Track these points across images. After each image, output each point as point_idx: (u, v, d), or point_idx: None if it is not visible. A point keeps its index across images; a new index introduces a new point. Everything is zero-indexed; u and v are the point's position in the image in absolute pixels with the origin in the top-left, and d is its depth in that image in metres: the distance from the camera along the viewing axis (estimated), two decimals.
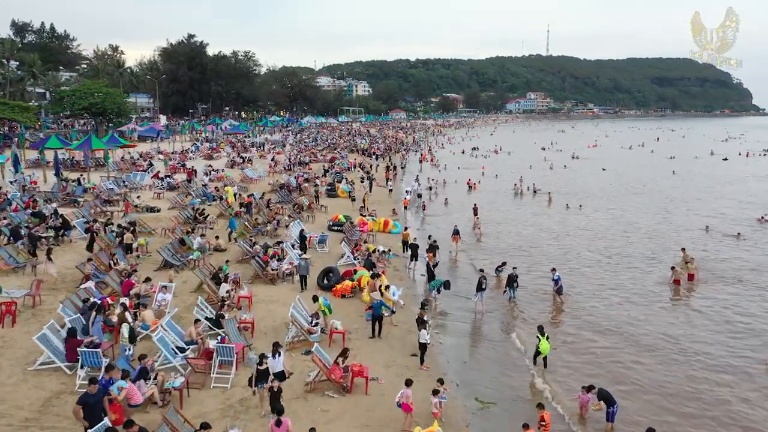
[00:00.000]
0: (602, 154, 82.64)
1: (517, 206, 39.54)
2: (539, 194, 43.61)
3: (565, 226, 32.68)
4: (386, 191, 42.42)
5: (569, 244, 28.26)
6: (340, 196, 38.16)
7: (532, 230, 31.44)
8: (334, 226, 27.50)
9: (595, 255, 26.13)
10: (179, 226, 23.90)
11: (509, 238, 29.53)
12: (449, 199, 40.41)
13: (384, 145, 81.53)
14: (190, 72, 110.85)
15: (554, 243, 28.44)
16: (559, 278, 19.18)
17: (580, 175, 57.15)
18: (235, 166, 47.80)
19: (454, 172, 59.69)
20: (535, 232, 30.93)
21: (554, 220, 34.44)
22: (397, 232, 28.56)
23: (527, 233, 30.64)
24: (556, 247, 27.68)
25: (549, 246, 27.78)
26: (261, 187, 38.36)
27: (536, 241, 28.68)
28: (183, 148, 58.46)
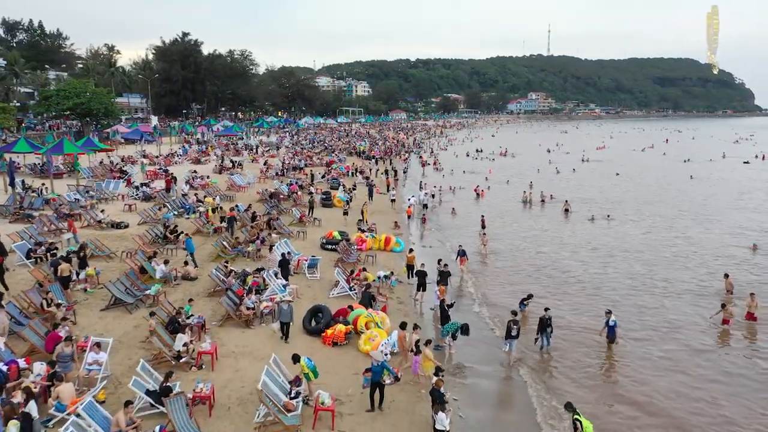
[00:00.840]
0: (612, 156, 79.00)
1: (529, 217, 35.67)
2: (552, 203, 39.92)
3: (591, 242, 28.66)
4: (387, 200, 38.83)
5: (600, 266, 24.32)
6: (336, 206, 34.57)
7: (552, 248, 27.50)
8: (328, 245, 23.89)
9: (636, 282, 21.98)
10: (143, 249, 20.26)
11: (526, 258, 25.63)
12: (456, 208, 36.69)
13: (384, 147, 77.94)
14: (184, 71, 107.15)
15: (580, 264, 24.52)
16: (615, 324, 15.44)
17: (593, 181, 53.48)
18: (224, 171, 44.18)
19: (459, 176, 56.14)
20: (556, 250, 27.04)
21: (578, 236, 30.24)
22: (401, 251, 24.97)
23: (548, 252, 26.72)
24: (584, 269, 23.81)
25: (575, 268, 23.87)
26: (248, 197, 34.75)
27: (559, 262, 24.84)
28: (171, 151, 54.86)
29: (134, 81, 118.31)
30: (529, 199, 40.01)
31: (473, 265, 23.62)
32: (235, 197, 33.84)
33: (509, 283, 21.74)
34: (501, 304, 19.14)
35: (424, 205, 34.02)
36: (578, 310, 18.74)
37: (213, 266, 19.55)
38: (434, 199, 38.95)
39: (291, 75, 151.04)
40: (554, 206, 38.77)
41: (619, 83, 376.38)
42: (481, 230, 28.91)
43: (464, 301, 19.68)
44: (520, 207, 39.31)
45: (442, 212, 36.74)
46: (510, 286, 21.36)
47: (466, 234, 29.66)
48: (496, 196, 43.62)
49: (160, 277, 17.56)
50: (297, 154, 61.73)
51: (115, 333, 13.90)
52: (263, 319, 15.47)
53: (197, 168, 45.46)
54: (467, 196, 43.26)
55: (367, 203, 31.34)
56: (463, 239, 28.25)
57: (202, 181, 36.80)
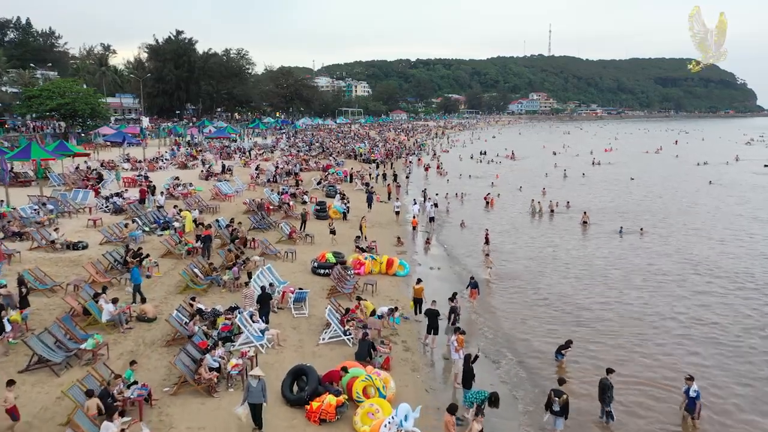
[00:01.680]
0: (622, 158, 75.50)
1: (545, 231, 31.81)
2: (566, 213, 36.33)
3: (625, 267, 24.22)
4: (388, 209, 35.36)
5: (651, 297, 20.14)
6: (332, 217, 31.02)
7: (579, 270, 23.60)
8: (320, 269, 20.38)
9: (713, 329, 17.24)
10: (95, 280, 16.74)
11: (548, 286, 21.49)
12: (465, 220, 32.98)
13: (385, 150, 74.41)
14: (177, 71, 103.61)
15: (617, 297, 20.25)
16: (698, 395, 11.90)
17: (607, 186, 49.86)
18: (211, 177, 40.67)
19: (465, 181, 52.65)
20: (587, 275, 22.95)
21: (608, 255, 26.13)
22: (405, 274, 21.49)
23: (575, 276, 22.89)
24: (631, 301, 19.66)
25: (617, 301, 19.71)
26: (234, 208, 31.23)
27: (591, 289, 21.05)
28: (158, 155, 51.29)
29: (127, 81, 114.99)
30: (539, 210, 36.20)
31: (483, 297, 19.78)
32: (218, 208, 30.32)
33: (532, 319, 18.13)
34: (530, 353, 15.60)
35: (430, 219, 30.27)
36: (630, 361, 15.12)
37: (180, 300, 16.08)
38: (439, 209, 35.37)
39: (289, 75, 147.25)
40: (570, 217, 35.09)
41: (620, 83, 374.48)
42: (484, 247, 25.42)
43: (479, 342, 16.16)
44: (533, 217, 35.73)
45: (450, 224, 33.18)
46: (535, 323, 17.79)
47: (478, 252, 26.12)
48: (507, 205, 40.08)
49: (107, 321, 14.06)
50: (293, 157, 58.23)
51: (27, 409, 10.40)
52: (231, 382, 11.94)
53: (183, 174, 41.97)
54: (475, 205, 39.72)
55: (366, 218, 27.70)
56: (475, 259, 24.76)
57: (184, 189, 33.26)
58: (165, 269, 19.45)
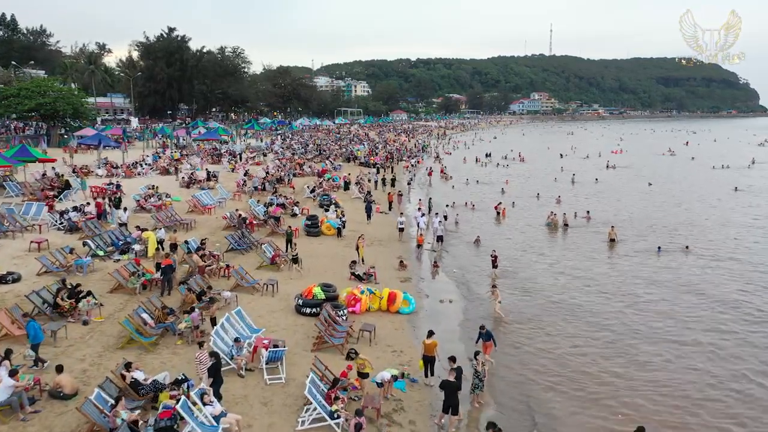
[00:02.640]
0: (634, 161, 71.43)
1: (567, 250, 27.53)
2: (586, 226, 32.45)
3: (690, 302, 19.43)
4: (388, 222, 31.49)
5: (717, 353, 15.47)
6: (325, 234, 27.18)
7: (620, 310, 18.99)
8: (306, 308, 16.50)
9: None
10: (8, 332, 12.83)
11: (581, 331, 16.87)
12: (478, 235, 28.95)
13: (385, 152, 70.48)
14: (169, 69, 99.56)
15: (699, 352, 15.53)
16: None
17: (626, 194, 45.69)
18: (193, 185, 36.80)
19: (473, 187, 48.72)
20: (634, 318, 18.10)
21: (654, 284, 21.73)
22: (410, 311, 17.61)
23: (617, 315, 18.74)
24: (691, 359, 15.15)
25: (693, 362, 14.97)
26: (213, 223, 27.33)
27: (653, 337, 16.60)
28: (143, 158, 47.35)
29: (118, 80, 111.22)
30: (563, 222, 32.20)
31: (501, 350, 15.15)
32: (194, 224, 26.40)
33: (564, 389, 13.60)
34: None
35: (438, 238, 26.17)
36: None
37: (119, 358, 12.22)
38: (448, 221, 31.49)
39: (286, 74, 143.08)
40: (593, 232, 31.07)
41: (622, 83, 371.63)
42: (491, 275, 21.57)
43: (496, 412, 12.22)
44: (550, 232, 31.73)
45: (461, 239, 29.19)
46: (561, 399, 13.31)
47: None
48: (520, 216, 36.17)
49: (3, 403, 10.17)
50: (288, 160, 54.31)
51: None
52: None
53: (164, 181, 38.12)
54: (485, 216, 35.80)
55: (363, 237, 23.71)
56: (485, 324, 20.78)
57: (158, 200, 29.36)
58: (112, 310, 15.57)
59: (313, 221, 26.98)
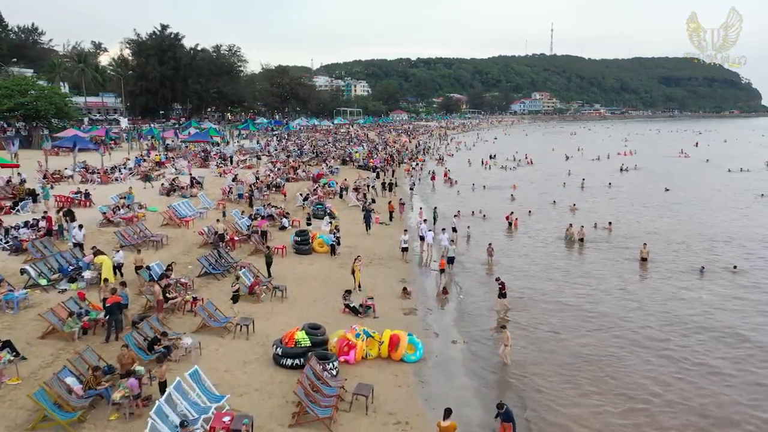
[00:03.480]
0: (646, 164, 67.95)
1: (591, 272, 23.60)
2: (610, 240, 29.07)
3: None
4: (390, 235, 28.14)
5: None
6: (316, 251, 23.84)
7: (680, 363, 15.19)
8: (286, 358, 13.15)
9: None
10: None
11: (641, 404, 12.81)
12: (493, 253, 25.01)
13: (385, 154, 67.10)
14: (162, 67, 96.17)
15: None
16: None
17: (644, 202, 42.13)
18: (174, 192, 33.42)
19: (480, 193, 45.37)
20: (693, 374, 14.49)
21: (706, 317, 18.00)
22: (417, 359, 14.26)
23: (670, 366, 15.19)
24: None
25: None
26: (190, 239, 23.96)
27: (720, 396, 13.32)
28: (124, 161, 43.95)
29: (110, 79, 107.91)
30: (578, 236, 28.50)
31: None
32: (166, 241, 23.04)
33: None
34: None
35: (449, 259, 22.49)
36: None
37: None
38: (458, 234, 28.12)
39: (284, 73, 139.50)
40: (618, 247, 27.61)
41: (623, 83, 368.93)
42: (499, 308, 18.17)
43: None
44: (569, 246, 28.26)
45: (470, 254, 25.71)
46: None
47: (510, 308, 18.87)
48: (534, 226, 32.81)
49: None
50: (282, 164, 50.93)
51: None
52: None
53: (145, 187, 34.79)
54: (495, 226, 32.39)
55: (361, 259, 20.24)
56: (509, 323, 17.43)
57: (129, 212, 26.01)
58: (37, 365, 12.19)
59: (303, 237, 23.57)
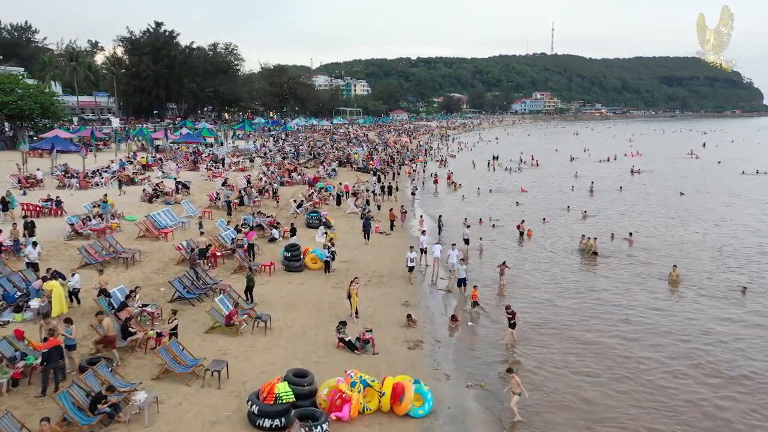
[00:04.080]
0: (655, 166, 65.42)
1: (615, 295, 20.69)
2: (632, 253, 26.43)
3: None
4: (391, 246, 25.60)
5: None
6: (309, 268, 21.26)
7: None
8: (264, 418, 10.53)
9: None
10: None
11: None
12: (504, 261, 22.39)
13: (385, 156, 64.52)
14: (156, 66, 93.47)
15: None
16: None
17: (660, 207, 39.48)
18: (157, 198, 30.83)
19: (486, 197, 42.80)
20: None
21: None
22: (425, 413, 11.65)
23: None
24: None
25: None
26: (167, 255, 21.35)
27: None
28: (109, 164, 41.35)
29: (103, 78, 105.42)
30: (592, 250, 25.79)
31: None
32: (138, 257, 20.43)
33: None
34: None
35: (460, 281, 19.57)
36: None
37: None
38: (470, 247, 25.55)
39: (283, 72, 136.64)
40: (637, 261, 24.99)
41: (625, 83, 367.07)
42: (507, 339, 15.72)
43: None
44: (587, 260, 25.60)
45: (487, 275, 22.69)
46: None
47: (531, 337, 16.30)
48: (548, 234, 30.20)
49: None
50: (277, 166, 48.35)
51: None
52: None
53: (120, 194, 32.21)
54: (507, 236, 29.83)
55: (359, 282, 17.53)
56: (528, 357, 14.85)
57: (101, 223, 23.43)
58: None
59: (294, 252, 20.96)
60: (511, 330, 15.68)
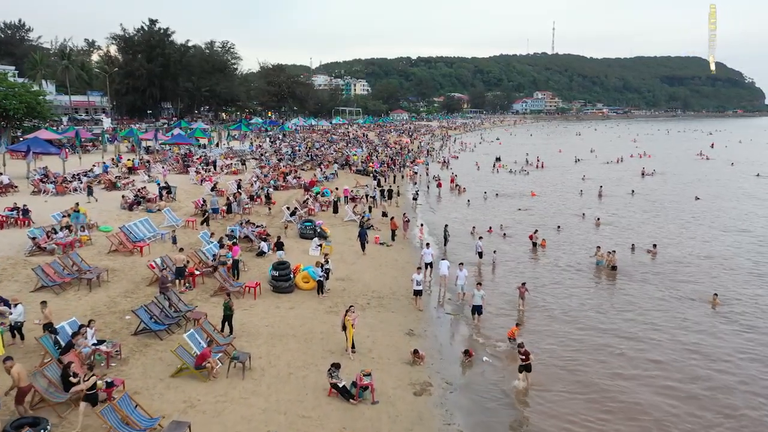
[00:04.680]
0: (666, 168, 62.92)
1: (641, 317, 18.55)
2: (660, 268, 23.99)
3: None
4: (392, 263, 23.14)
5: None
6: (300, 288, 18.80)
7: None
8: None
9: None
10: None
11: None
12: (524, 283, 19.37)
13: (386, 157, 62.06)
14: (150, 64, 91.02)
15: None
16: None
17: (677, 214, 37.08)
18: (138, 206, 28.37)
19: (492, 203, 40.32)
20: None
21: None
22: None
23: None
24: None
25: None
26: (137, 274, 18.87)
27: None
28: (93, 167, 38.88)
29: (96, 76, 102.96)
30: (610, 264, 23.22)
31: None
32: (107, 276, 17.97)
33: None
34: None
35: (475, 309, 16.90)
36: None
37: None
38: (482, 260, 23.08)
39: (281, 71, 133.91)
40: (662, 277, 22.56)
41: (626, 82, 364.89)
42: (520, 390, 13.24)
43: None
44: (606, 276, 23.09)
45: (503, 294, 20.15)
46: None
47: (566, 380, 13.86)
48: (561, 243, 27.77)
49: None
50: (272, 169, 45.93)
51: None
52: None
53: (109, 198, 29.79)
54: (521, 247, 27.32)
55: (354, 312, 14.88)
56: (557, 405, 12.38)
57: (69, 236, 20.97)
58: None
59: (283, 271, 18.44)
60: (524, 373, 13.23)
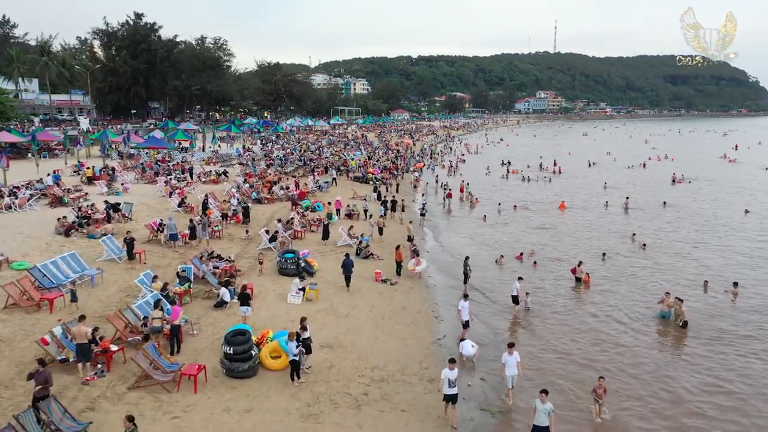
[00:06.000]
0: (694, 173, 56.83)
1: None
2: (732, 316, 18.37)
3: None
4: (399, 309, 17.42)
5: None
6: (267, 367, 13.04)
7: None
8: None
9: None
10: None
11: None
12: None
13: (387, 161, 56.30)
14: (134, 61, 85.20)
15: None
16: None
17: (727, 231, 31.57)
18: (81, 229, 22.59)
19: (509, 216, 34.42)
20: None
21: None
22: None
23: None
24: None
25: None
26: (29, 350, 13.10)
27: None
28: (40, 178, 33.28)
29: (80, 75, 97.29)
30: (678, 316, 17.37)
31: None
32: None
33: None
34: None
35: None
36: None
37: None
38: (519, 307, 17.43)
39: (277, 70, 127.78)
40: (750, 337, 17.04)
41: (629, 81, 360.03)
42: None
43: None
44: (676, 335, 17.36)
45: (539, 356, 14.71)
46: None
47: None
48: (613, 286, 21.94)
49: None
50: (259, 177, 40.20)
51: None
52: None
53: (51, 217, 24.13)
54: (557, 280, 21.56)
55: None
56: None
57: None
58: None
59: (240, 347, 12.46)
60: None
